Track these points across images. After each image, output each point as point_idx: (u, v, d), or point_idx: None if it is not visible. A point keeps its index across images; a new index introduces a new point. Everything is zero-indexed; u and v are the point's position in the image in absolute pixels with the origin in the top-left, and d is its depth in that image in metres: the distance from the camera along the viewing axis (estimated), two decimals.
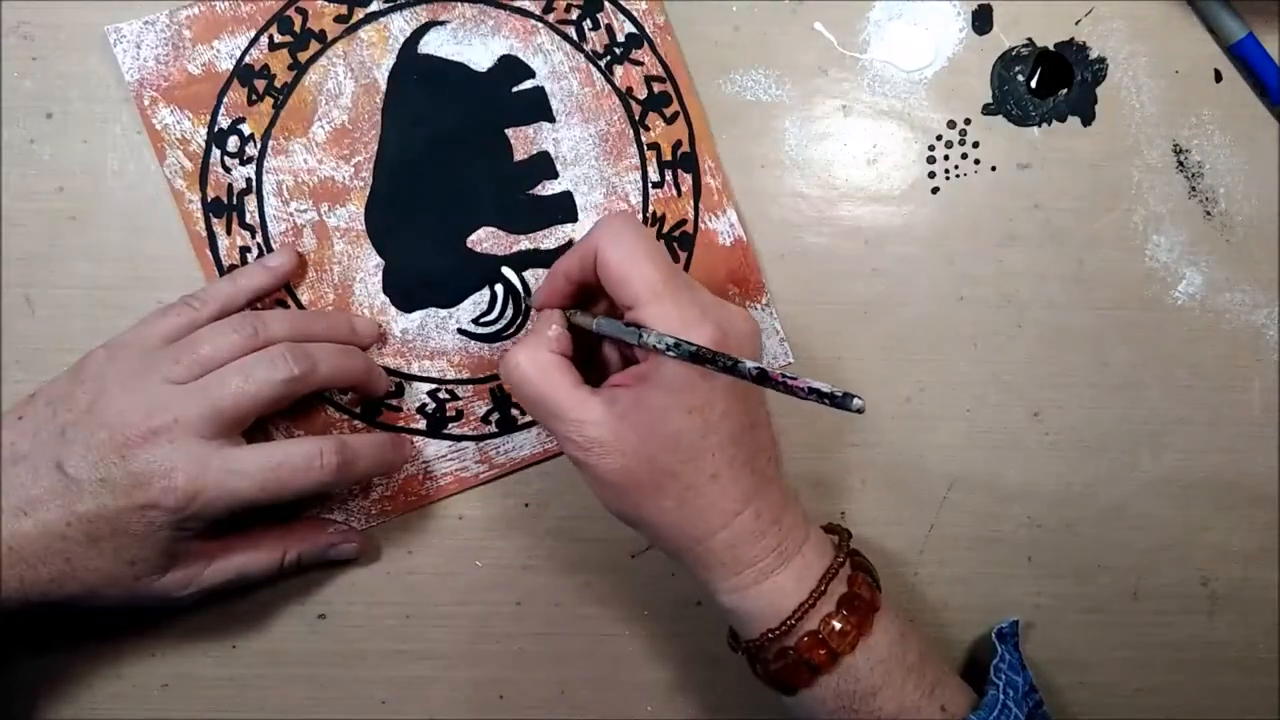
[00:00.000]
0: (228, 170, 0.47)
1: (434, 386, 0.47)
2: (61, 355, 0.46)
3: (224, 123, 0.47)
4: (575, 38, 0.47)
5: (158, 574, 0.41)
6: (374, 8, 0.47)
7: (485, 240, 0.48)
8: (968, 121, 0.48)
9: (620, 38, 0.47)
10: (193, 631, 0.47)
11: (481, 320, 0.48)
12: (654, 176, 0.48)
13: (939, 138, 0.48)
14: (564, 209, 0.48)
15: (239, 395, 0.40)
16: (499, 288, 0.48)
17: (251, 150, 0.47)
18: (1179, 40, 0.49)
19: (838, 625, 0.38)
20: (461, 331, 0.48)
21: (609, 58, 0.47)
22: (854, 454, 0.48)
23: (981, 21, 0.49)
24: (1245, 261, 0.49)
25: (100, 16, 0.46)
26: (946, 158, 0.49)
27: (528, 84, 0.48)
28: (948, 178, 0.49)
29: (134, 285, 0.47)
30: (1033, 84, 0.49)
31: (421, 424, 0.47)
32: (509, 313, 0.48)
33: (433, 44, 0.47)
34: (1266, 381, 0.49)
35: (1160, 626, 0.49)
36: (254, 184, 0.47)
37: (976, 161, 0.48)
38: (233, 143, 0.47)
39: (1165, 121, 0.49)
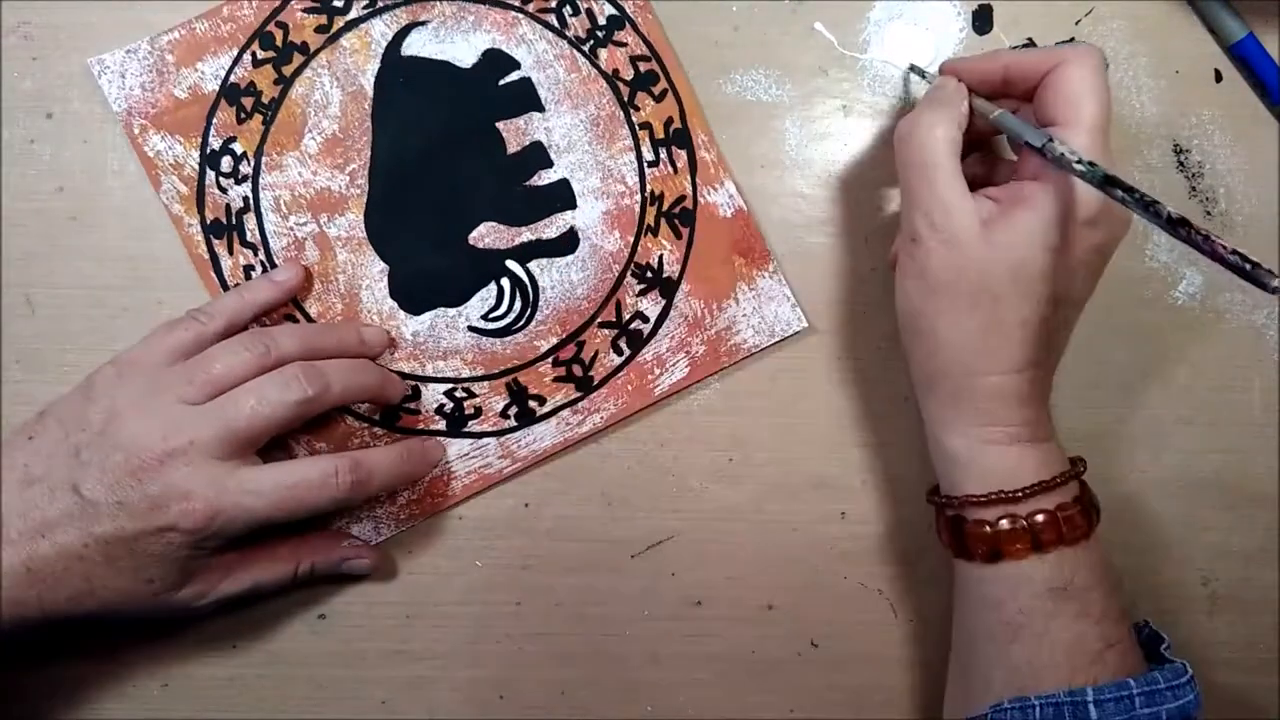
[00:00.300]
0: (224, 190, 0.47)
1: (450, 386, 0.47)
2: (61, 355, 0.46)
3: (215, 144, 0.47)
4: (557, 25, 0.47)
5: (175, 589, 0.41)
6: (354, 15, 0.47)
7: (487, 236, 0.48)
8: None
9: (601, 20, 0.47)
10: (193, 631, 0.47)
11: (491, 316, 0.48)
12: (648, 156, 0.48)
13: None
14: (562, 197, 0.48)
15: (253, 417, 0.40)
16: (505, 281, 0.48)
17: (245, 168, 0.47)
18: (1179, 40, 0.49)
19: (1073, 515, 0.39)
20: (472, 329, 0.48)
21: (592, 42, 0.48)
22: (855, 454, 0.48)
23: (982, 21, 0.49)
24: None
25: (100, 16, 0.46)
26: None
27: (514, 76, 0.48)
28: None
29: (134, 285, 0.47)
30: None
31: (441, 424, 0.47)
32: (517, 306, 0.48)
33: (415, 45, 0.47)
34: (1266, 381, 0.49)
35: (1160, 626, 0.49)
36: (251, 202, 0.47)
37: None
38: (226, 162, 0.47)
39: (1165, 121, 0.49)
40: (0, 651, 0.40)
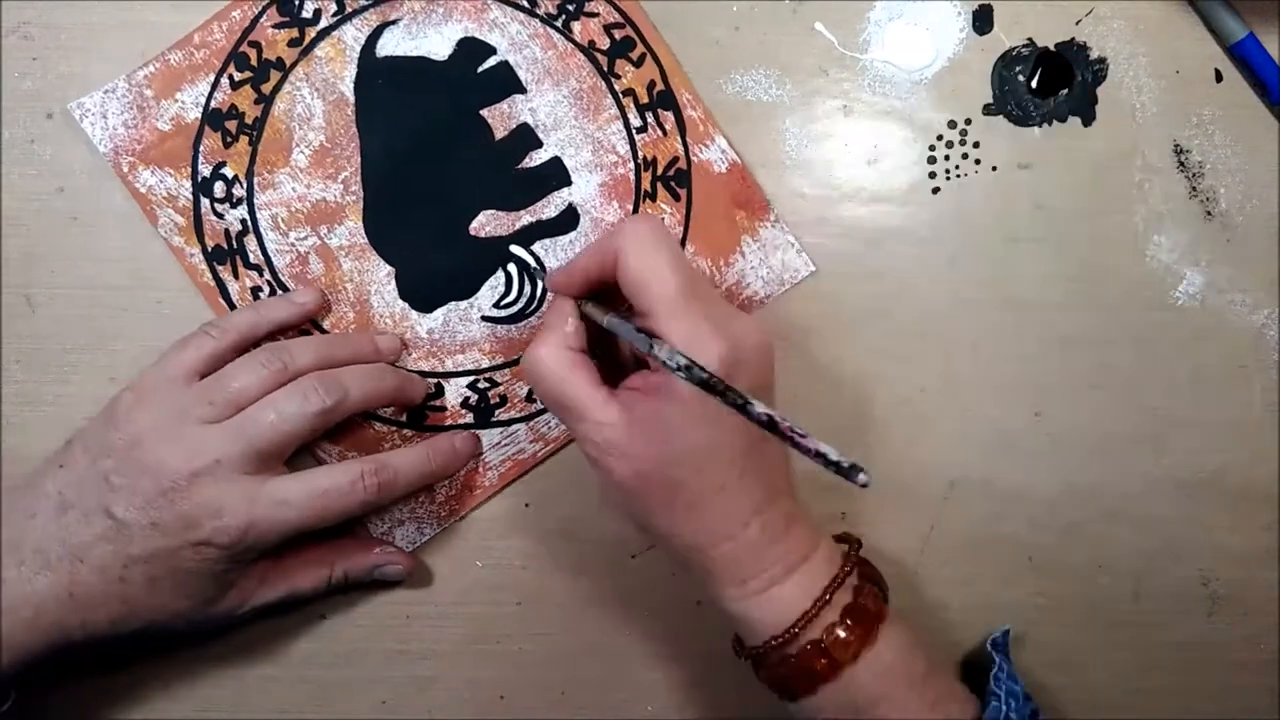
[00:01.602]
0: (220, 216, 0.47)
1: (472, 378, 0.47)
2: (61, 355, 0.46)
3: (205, 171, 0.47)
4: (527, 5, 0.47)
5: (214, 603, 0.42)
6: (324, 24, 0.47)
7: (487, 224, 0.48)
8: (968, 121, 0.48)
9: None
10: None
11: (502, 303, 0.48)
12: (636, 122, 0.48)
13: (939, 138, 0.48)
14: (556, 175, 0.48)
15: (274, 432, 0.41)
16: (512, 267, 0.48)
17: (239, 191, 0.47)
18: (1179, 40, 0.49)
19: (841, 635, 0.38)
20: (485, 318, 0.48)
21: (564, 16, 0.47)
22: (855, 454, 0.48)
23: (982, 21, 0.49)
24: (1245, 261, 0.49)
25: (99, 17, 0.46)
26: (947, 158, 0.49)
27: (491, 61, 0.48)
28: (948, 178, 0.49)
29: (134, 285, 0.47)
30: (1033, 84, 0.49)
31: (469, 418, 0.47)
32: (527, 290, 0.48)
33: (389, 45, 0.47)
34: (1266, 381, 0.49)
35: (1160, 626, 0.49)
36: (249, 223, 0.47)
37: (977, 162, 0.49)
38: (219, 188, 0.47)
39: (1166, 121, 0.49)
40: (37, 673, 0.40)
